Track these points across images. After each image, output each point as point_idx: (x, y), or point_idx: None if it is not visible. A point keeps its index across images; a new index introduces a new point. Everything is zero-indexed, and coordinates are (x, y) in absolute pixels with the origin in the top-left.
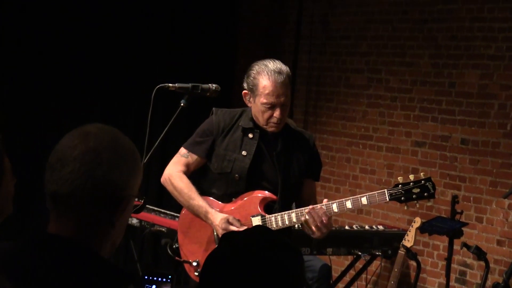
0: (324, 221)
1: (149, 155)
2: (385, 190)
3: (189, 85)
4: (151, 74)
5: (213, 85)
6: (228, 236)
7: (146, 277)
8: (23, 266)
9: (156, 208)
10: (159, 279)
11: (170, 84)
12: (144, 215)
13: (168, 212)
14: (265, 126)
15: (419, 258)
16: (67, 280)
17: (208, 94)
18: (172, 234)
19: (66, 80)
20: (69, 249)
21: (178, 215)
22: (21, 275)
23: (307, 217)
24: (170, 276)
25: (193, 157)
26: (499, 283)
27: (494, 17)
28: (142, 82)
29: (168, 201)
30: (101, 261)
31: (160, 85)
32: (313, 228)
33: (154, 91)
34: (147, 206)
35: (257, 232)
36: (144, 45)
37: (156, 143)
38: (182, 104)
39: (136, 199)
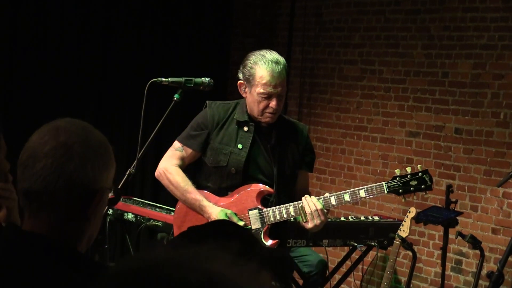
0: (319, 213)
1: (143, 149)
2: (383, 182)
3: (182, 79)
4: (144, 68)
5: (206, 78)
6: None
7: None
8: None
9: (151, 203)
10: None
11: (163, 79)
12: (139, 209)
13: (163, 206)
14: (260, 117)
15: (415, 247)
16: (45, 277)
17: (201, 87)
18: (168, 228)
19: (60, 76)
20: (44, 246)
21: (173, 209)
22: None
23: (303, 203)
24: None
25: (187, 151)
26: (493, 271)
27: (486, 7)
28: (135, 76)
29: (164, 195)
30: (78, 256)
31: (153, 79)
32: (308, 217)
33: (147, 86)
34: (142, 201)
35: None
36: (137, 39)
37: (150, 138)
38: (175, 99)
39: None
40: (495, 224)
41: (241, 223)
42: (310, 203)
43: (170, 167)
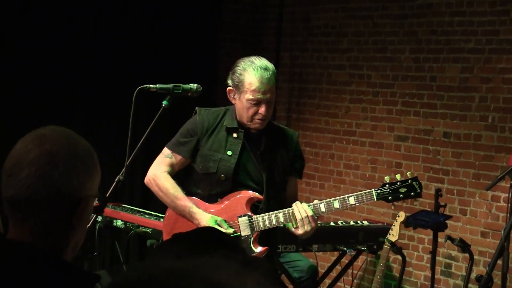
0: (310, 219)
1: (132, 156)
2: (373, 190)
3: (170, 85)
4: (133, 75)
5: (195, 84)
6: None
7: None
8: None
9: (141, 209)
10: None
11: (151, 85)
12: (129, 216)
13: (153, 213)
14: (249, 123)
15: (404, 251)
16: (30, 286)
17: (189, 94)
18: (157, 235)
19: (48, 82)
20: (29, 254)
21: (163, 215)
22: None
23: (293, 210)
24: None
25: (177, 158)
26: (482, 275)
27: (473, 11)
28: (124, 83)
29: (153, 202)
30: (63, 264)
31: (141, 86)
32: (298, 223)
33: (135, 93)
34: (132, 207)
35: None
36: (126, 46)
37: (139, 144)
38: (163, 105)
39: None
40: (484, 228)
41: (231, 230)
42: (301, 209)
43: (159, 174)
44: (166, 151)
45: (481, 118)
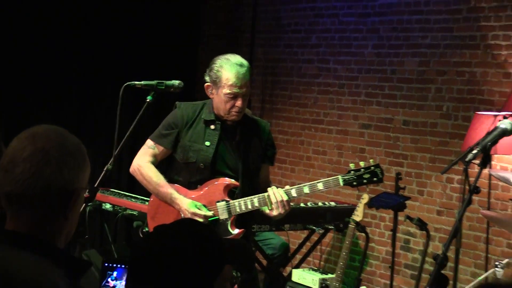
0: (285, 203)
1: (119, 147)
2: (339, 176)
3: (154, 82)
4: (119, 72)
5: (176, 81)
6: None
7: (106, 264)
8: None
9: (127, 194)
10: (119, 266)
11: (136, 82)
12: (117, 200)
13: (139, 196)
14: (227, 115)
15: (368, 229)
16: (26, 272)
17: (172, 89)
18: (143, 217)
19: (42, 80)
20: (26, 243)
21: (148, 199)
22: None
23: (269, 194)
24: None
25: (159, 149)
26: (439, 254)
27: (430, 10)
28: (111, 80)
29: (138, 188)
30: (57, 252)
31: (127, 83)
32: (273, 206)
33: (121, 89)
34: (119, 192)
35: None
36: (111, 44)
37: (126, 136)
38: (147, 100)
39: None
40: (439, 207)
41: (210, 213)
42: (277, 194)
43: (143, 164)
44: (149, 142)
45: (436, 107)
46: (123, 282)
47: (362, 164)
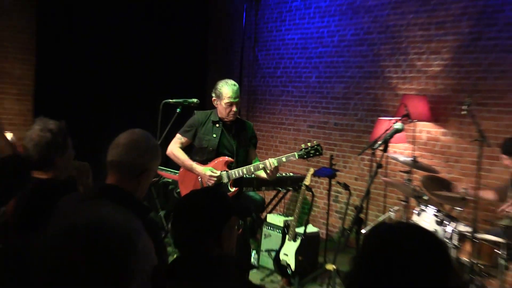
0: (274, 170)
1: (160, 140)
2: (295, 152)
3: (182, 100)
4: (156, 92)
5: (195, 99)
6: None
7: None
8: (98, 198)
9: (164, 168)
10: None
11: (170, 100)
12: (158, 172)
13: (171, 170)
14: (226, 117)
15: (313, 189)
16: (118, 217)
17: (192, 104)
18: (175, 182)
19: (104, 98)
20: (117, 191)
21: (177, 171)
22: (96, 201)
23: (266, 163)
24: None
25: (184, 139)
26: (357, 205)
27: (350, 55)
28: (150, 97)
29: (171, 164)
30: (135, 199)
31: (165, 100)
32: (268, 170)
33: (161, 104)
34: (160, 167)
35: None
36: (148, 70)
37: (165, 132)
38: (177, 111)
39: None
40: (356, 175)
41: (218, 173)
42: (271, 162)
43: (175, 148)
44: (178, 135)
45: (354, 115)
46: None
47: (309, 144)
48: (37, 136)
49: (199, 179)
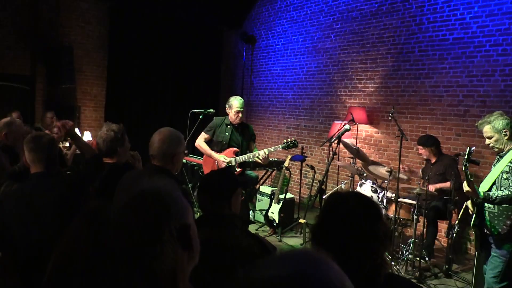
0: (266, 156)
1: (188, 136)
2: (280, 145)
3: (203, 110)
4: (185, 104)
5: (211, 110)
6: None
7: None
8: (151, 175)
9: (191, 155)
10: None
11: (195, 110)
12: (187, 158)
13: (195, 156)
14: (234, 121)
15: (291, 169)
16: (168, 187)
17: (209, 113)
18: (199, 165)
19: (150, 108)
20: (161, 170)
21: (201, 158)
22: (151, 176)
23: (261, 152)
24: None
25: (207, 136)
26: (319, 180)
27: (313, 80)
28: (182, 108)
29: (197, 153)
30: (172, 175)
31: (192, 110)
32: (262, 157)
33: (190, 113)
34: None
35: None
36: (182, 92)
37: (190, 134)
38: (200, 117)
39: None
40: (319, 160)
41: (228, 160)
42: (265, 151)
43: (201, 142)
44: (203, 133)
45: (317, 119)
46: None
47: (289, 139)
48: (104, 134)
49: (216, 163)
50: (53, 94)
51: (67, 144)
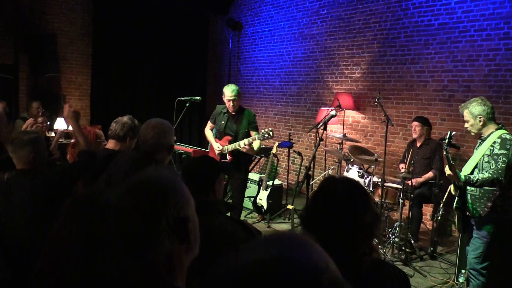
0: (249, 147)
1: (175, 125)
2: (255, 135)
3: (190, 98)
4: (171, 92)
5: (198, 97)
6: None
7: None
8: (134, 163)
9: (179, 143)
10: None
11: (182, 98)
12: (179, 147)
13: (182, 144)
14: (230, 109)
15: (278, 156)
16: (166, 176)
17: (196, 101)
18: (187, 153)
19: (135, 97)
20: (150, 158)
21: (189, 146)
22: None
23: (240, 145)
24: None
25: (211, 124)
26: (306, 166)
27: (300, 66)
28: (168, 95)
29: (184, 141)
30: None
31: (178, 98)
32: (241, 148)
33: (176, 101)
34: (180, 144)
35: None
36: (167, 79)
37: (176, 123)
38: (187, 105)
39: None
40: (306, 146)
41: (222, 148)
42: (244, 142)
43: (207, 130)
44: (208, 122)
45: (304, 106)
46: None
47: (266, 130)
48: (124, 120)
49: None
50: (37, 83)
51: (53, 134)
